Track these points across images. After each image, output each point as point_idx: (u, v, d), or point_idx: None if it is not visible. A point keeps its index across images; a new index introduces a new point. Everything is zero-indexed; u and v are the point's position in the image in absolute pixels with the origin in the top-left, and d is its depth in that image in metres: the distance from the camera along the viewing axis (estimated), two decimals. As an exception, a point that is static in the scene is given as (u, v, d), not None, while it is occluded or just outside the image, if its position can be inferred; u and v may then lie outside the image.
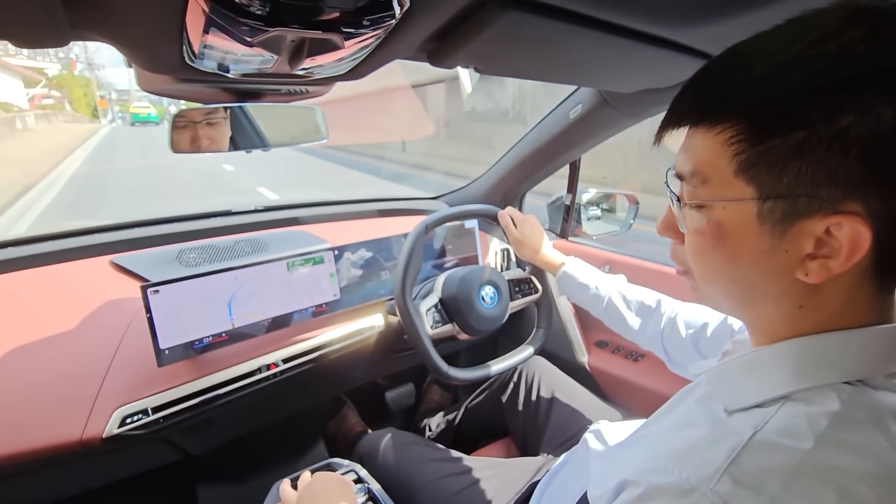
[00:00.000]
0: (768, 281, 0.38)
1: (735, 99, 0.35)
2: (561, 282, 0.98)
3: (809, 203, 0.33)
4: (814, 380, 0.36)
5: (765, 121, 0.34)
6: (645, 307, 0.86)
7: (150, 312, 0.78)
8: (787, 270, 0.36)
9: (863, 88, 0.31)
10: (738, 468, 0.33)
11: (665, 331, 0.80)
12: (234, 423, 1.02)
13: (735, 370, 0.42)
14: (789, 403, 0.36)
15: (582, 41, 0.61)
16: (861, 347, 0.36)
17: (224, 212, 1.23)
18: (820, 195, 0.33)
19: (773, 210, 0.35)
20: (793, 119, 0.33)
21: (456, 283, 1.00)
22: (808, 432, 0.33)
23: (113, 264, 0.96)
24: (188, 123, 0.72)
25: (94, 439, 0.75)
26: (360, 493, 0.85)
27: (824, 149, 0.32)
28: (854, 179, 0.32)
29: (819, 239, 0.34)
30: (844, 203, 0.33)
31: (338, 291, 1.02)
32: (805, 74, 0.32)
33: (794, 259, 0.36)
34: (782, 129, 0.33)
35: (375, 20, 0.46)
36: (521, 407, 1.08)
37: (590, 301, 0.93)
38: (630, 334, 0.87)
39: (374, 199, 1.50)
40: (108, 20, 0.45)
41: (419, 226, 0.97)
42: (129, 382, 0.80)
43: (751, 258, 0.38)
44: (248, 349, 0.92)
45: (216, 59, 0.52)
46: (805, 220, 0.34)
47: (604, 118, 1.07)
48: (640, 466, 0.38)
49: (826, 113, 0.31)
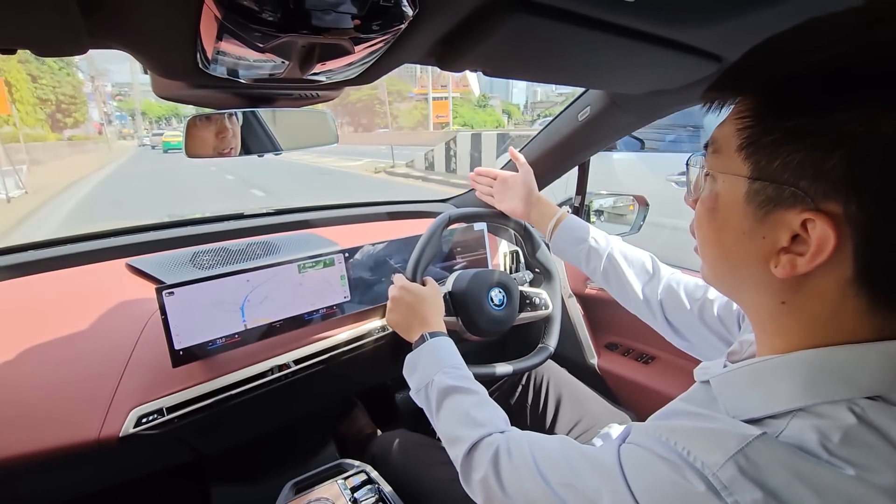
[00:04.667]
0: (747, 265, 0.39)
1: (756, 71, 0.36)
2: (557, 236, 0.92)
3: (793, 194, 0.34)
4: (826, 395, 0.34)
5: (771, 101, 0.35)
6: (645, 270, 0.82)
7: (165, 314, 0.80)
8: (762, 258, 0.37)
9: (867, 92, 0.31)
10: (744, 458, 0.32)
11: (665, 300, 0.77)
12: (247, 424, 1.03)
13: (742, 379, 0.41)
14: (799, 417, 0.35)
15: (590, 43, 0.61)
16: (877, 363, 0.34)
17: (237, 215, 1.25)
18: (803, 187, 0.33)
19: (759, 192, 0.36)
20: (795, 104, 0.33)
21: (467, 281, 1.00)
22: (819, 447, 0.32)
23: (129, 267, 0.98)
24: (202, 128, 0.74)
25: (111, 439, 0.77)
26: (370, 495, 0.85)
27: (814, 140, 0.32)
28: (836, 179, 0.32)
29: (795, 234, 0.34)
30: (824, 201, 0.33)
31: (348, 293, 1.03)
32: (822, 64, 0.32)
33: (769, 248, 0.36)
34: (784, 113, 0.34)
35: (385, 25, 0.46)
36: (529, 410, 1.07)
37: (586, 257, 0.88)
38: (628, 300, 0.83)
39: (383, 202, 1.51)
40: (125, 28, 0.46)
41: (443, 215, 0.98)
42: (145, 383, 0.81)
43: (734, 236, 0.39)
44: (261, 350, 0.93)
45: (229, 64, 0.53)
46: (785, 210, 0.35)
47: (613, 120, 1.07)
48: (652, 434, 0.39)
49: (825, 106, 0.32)
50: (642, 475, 0.37)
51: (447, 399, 0.67)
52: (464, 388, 0.67)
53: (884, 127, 0.30)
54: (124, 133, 57.03)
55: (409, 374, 0.76)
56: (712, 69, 0.73)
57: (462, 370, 0.72)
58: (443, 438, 0.65)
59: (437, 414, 0.67)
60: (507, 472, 0.52)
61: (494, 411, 0.64)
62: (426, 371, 0.72)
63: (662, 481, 0.35)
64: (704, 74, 0.76)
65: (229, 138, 0.76)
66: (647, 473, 0.37)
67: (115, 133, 53.68)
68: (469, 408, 0.64)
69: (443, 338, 0.78)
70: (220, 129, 0.75)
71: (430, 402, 0.70)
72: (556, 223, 0.93)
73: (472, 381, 0.70)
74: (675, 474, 0.34)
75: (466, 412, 0.63)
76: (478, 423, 0.60)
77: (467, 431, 0.60)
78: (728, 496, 0.32)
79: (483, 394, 0.67)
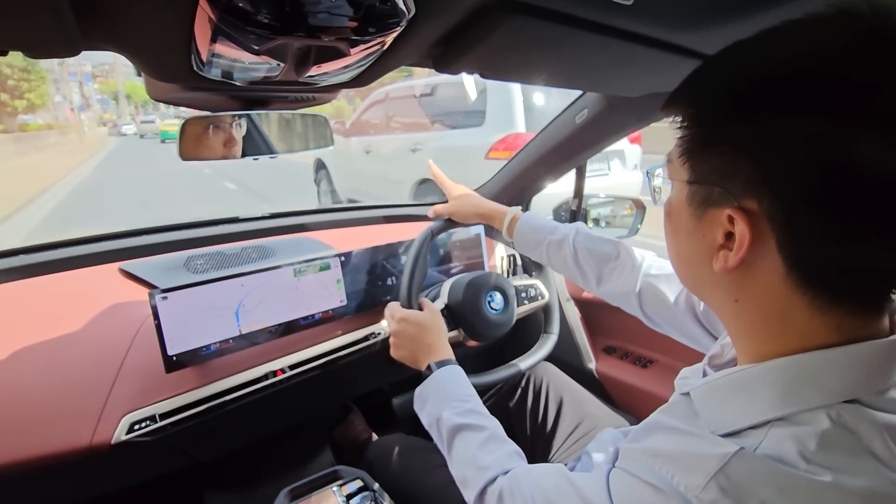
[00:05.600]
0: (699, 264, 0.41)
1: (690, 87, 0.40)
2: (518, 230, 0.90)
3: (720, 193, 0.37)
4: (803, 403, 0.35)
5: (702, 110, 0.38)
6: (608, 257, 0.81)
7: (158, 319, 0.79)
8: (707, 256, 0.40)
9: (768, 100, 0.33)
10: (725, 477, 0.33)
11: (644, 293, 0.76)
12: (242, 430, 1.02)
13: (722, 390, 0.41)
14: (777, 426, 0.35)
15: (588, 46, 0.61)
16: (846, 366, 0.35)
17: (231, 218, 1.24)
18: (726, 187, 0.36)
19: (695, 193, 0.39)
20: (714, 114, 0.37)
21: (462, 289, 1.00)
22: (797, 456, 0.33)
23: (121, 271, 0.97)
24: (196, 132, 0.73)
25: (103, 446, 0.75)
26: (366, 501, 0.85)
27: (730, 145, 0.36)
28: (748, 178, 0.35)
29: (729, 232, 0.37)
30: (743, 199, 0.36)
31: (344, 297, 1.02)
32: (735, 76, 0.36)
33: (709, 245, 0.39)
34: (707, 122, 0.38)
35: (381, 27, 0.46)
36: (528, 413, 1.07)
37: (549, 248, 0.86)
38: (590, 286, 0.83)
39: (380, 205, 1.51)
40: (119, 31, 0.46)
41: (425, 231, 0.97)
42: (138, 389, 0.80)
43: (685, 237, 0.42)
44: (255, 356, 0.92)
45: (224, 67, 0.52)
46: (717, 209, 0.38)
47: (610, 123, 1.07)
48: (638, 458, 0.40)
49: (735, 113, 0.35)
50: (629, 503, 0.39)
51: (456, 439, 0.68)
52: (471, 425, 0.68)
53: (784, 130, 0.32)
54: (105, 119, 48.18)
55: (420, 409, 0.76)
56: (709, 72, 0.73)
57: (470, 402, 0.72)
58: (456, 479, 0.67)
59: (449, 455, 0.69)
60: None
61: (501, 448, 0.65)
62: (435, 406, 0.73)
63: None
64: (701, 77, 0.76)
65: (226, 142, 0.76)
66: (633, 501, 0.39)
67: (96, 119, 46.28)
68: (476, 450, 0.65)
69: (450, 367, 0.77)
70: (216, 133, 0.74)
71: (442, 440, 0.71)
72: (510, 222, 0.91)
73: (479, 414, 0.70)
74: (661, 500, 0.35)
75: (473, 455, 0.64)
76: (483, 467, 0.62)
77: (474, 475, 0.62)
78: None
79: (491, 427, 0.68)
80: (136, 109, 58.83)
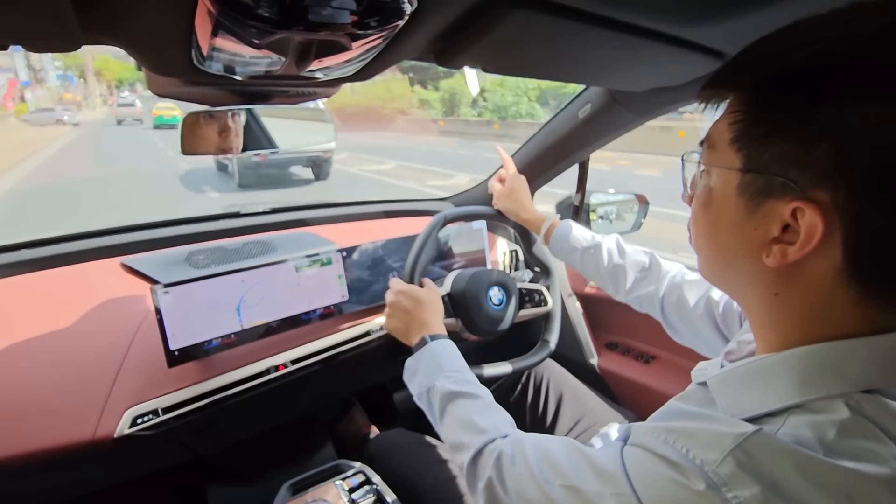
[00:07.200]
0: (741, 258, 0.39)
1: (747, 69, 0.37)
2: (555, 236, 0.94)
3: (783, 184, 0.35)
4: (820, 390, 0.35)
5: (762, 94, 0.36)
6: (642, 267, 0.84)
7: (160, 313, 0.79)
8: (755, 250, 0.37)
9: (848, 84, 0.31)
10: (742, 453, 0.33)
11: (667, 298, 0.78)
12: (243, 424, 1.02)
13: (739, 378, 0.41)
14: (795, 414, 0.35)
15: (591, 40, 0.61)
16: (868, 357, 0.35)
17: (233, 213, 1.24)
18: (792, 177, 0.34)
19: (750, 183, 0.37)
20: (782, 98, 0.35)
21: (465, 281, 1.00)
22: (816, 442, 0.32)
23: (123, 266, 0.97)
24: (198, 126, 0.73)
25: (106, 439, 0.76)
26: (368, 496, 0.85)
27: (801, 131, 0.33)
28: (823, 168, 0.33)
29: (786, 224, 0.35)
30: (812, 190, 0.33)
31: (346, 293, 1.02)
32: (806, 60, 0.33)
33: (761, 238, 0.37)
34: (773, 106, 0.35)
35: (383, 21, 0.45)
36: (528, 408, 1.07)
37: (584, 256, 0.90)
38: (620, 293, 0.86)
39: (382, 200, 1.51)
40: (119, 24, 0.45)
41: (438, 216, 0.98)
42: (140, 383, 0.81)
43: (727, 228, 0.40)
44: (257, 350, 0.93)
45: (224, 61, 0.52)
46: (775, 201, 0.35)
47: (613, 117, 1.06)
48: (653, 434, 0.39)
49: (810, 98, 0.33)
50: (646, 477, 0.37)
51: (450, 405, 0.66)
52: (466, 392, 0.66)
53: (868, 117, 0.31)
54: (65, 100, 33.29)
55: (410, 379, 0.75)
56: (715, 66, 0.72)
57: (464, 373, 0.71)
58: (447, 445, 0.65)
59: (441, 420, 0.67)
60: (511, 476, 0.52)
61: (498, 415, 0.64)
62: (427, 376, 0.72)
63: (665, 482, 0.35)
64: (707, 71, 0.75)
65: (228, 136, 0.75)
66: (649, 475, 0.37)
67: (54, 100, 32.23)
68: (472, 414, 0.63)
69: (443, 340, 0.77)
70: (219, 127, 0.74)
71: (432, 407, 0.69)
72: (548, 228, 0.95)
73: (474, 384, 0.69)
74: (677, 474, 0.35)
75: (469, 418, 0.62)
76: (481, 430, 0.60)
77: (471, 438, 0.60)
78: (728, 492, 0.32)
79: (486, 397, 0.67)
80: (108, 90, 48.54)
